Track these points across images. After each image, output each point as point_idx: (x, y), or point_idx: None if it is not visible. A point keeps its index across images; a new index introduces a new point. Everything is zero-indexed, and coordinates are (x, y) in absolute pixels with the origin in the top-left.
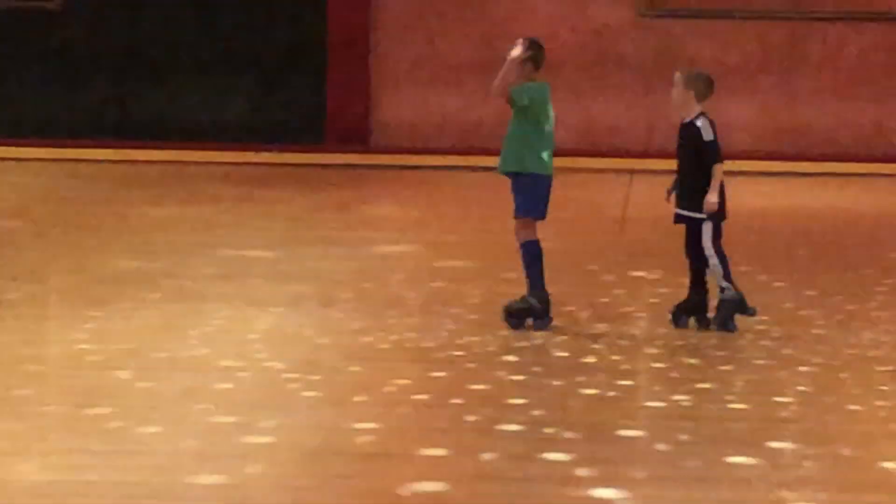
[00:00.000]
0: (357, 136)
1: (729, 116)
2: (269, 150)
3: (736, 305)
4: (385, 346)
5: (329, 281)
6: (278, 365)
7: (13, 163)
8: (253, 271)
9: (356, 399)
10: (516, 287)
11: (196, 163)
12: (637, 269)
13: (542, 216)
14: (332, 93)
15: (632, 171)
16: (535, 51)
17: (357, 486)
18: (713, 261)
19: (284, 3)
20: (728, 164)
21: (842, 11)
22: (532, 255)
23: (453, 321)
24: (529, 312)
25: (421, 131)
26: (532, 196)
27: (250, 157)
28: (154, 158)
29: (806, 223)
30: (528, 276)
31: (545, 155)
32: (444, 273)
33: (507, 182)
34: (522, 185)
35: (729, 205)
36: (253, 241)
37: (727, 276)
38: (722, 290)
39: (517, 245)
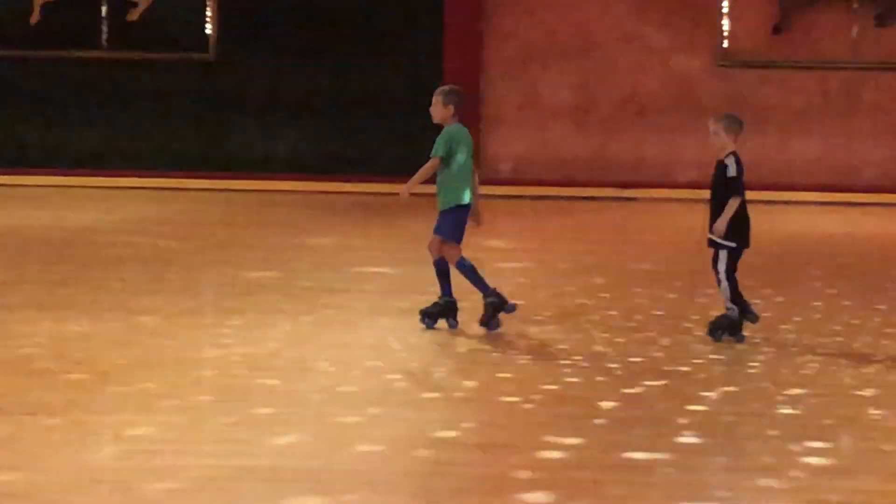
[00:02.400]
0: None
1: (793, 153)
2: (392, 181)
3: (731, 324)
4: (496, 352)
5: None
6: (413, 365)
7: (177, 192)
8: (374, 285)
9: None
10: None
11: (327, 192)
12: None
13: (459, 241)
14: None
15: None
16: (457, 97)
17: (475, 473)
18: (724, 284)
19: (405, 53)
20: (790, 195)
21: (890, 62)
22: (468, 268)
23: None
24: (497, 309)
25: (524, 165)
26: (455, 224)
27: (375, 187)
28: (292, 188)
29: (862, 246)
30: (476, 285)
31: (461, 188)
32: (547, 286)
33: (601, 208)
34: (448, 216)
35: (773, 230)
36: (376, 259)
37: (734, 298)
38: (728, 308)
39: (433, 261)
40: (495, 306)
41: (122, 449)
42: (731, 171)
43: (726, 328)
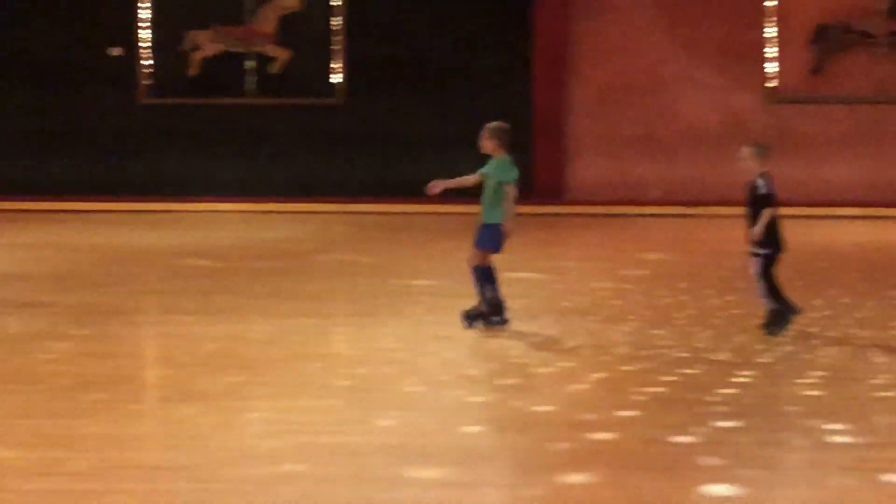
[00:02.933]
0: (555, 192)
1: (830, 175)
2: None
3: (777, 318)
4: (571, 345)
5: (536, 297)
6: (525, 361)
7: (311, 215)
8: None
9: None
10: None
11: (434, 213)
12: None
13: (497, 251)
14: (538, 159)
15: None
16: (500, 132)
17: (561, 448)
18: (759, 284)
19: (498, 91)
20: (827, 211)
21: None
22: (481, 273)
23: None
24: (483, 316)
25: (603, 188)
26: (491, 237)
27: (476, 208)
28: (413, 210)
29: (891, 251)
30: (478, 288)
31: (505, 208)
32: (632, 290)
33: (667, 224)
34: (485, 230)
35: (803, 240)
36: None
37: (770, 294)
38: (769, 305)
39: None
40: (482, 314)
41: (267, 430)
42: (762, 189)
43: (778, 321)
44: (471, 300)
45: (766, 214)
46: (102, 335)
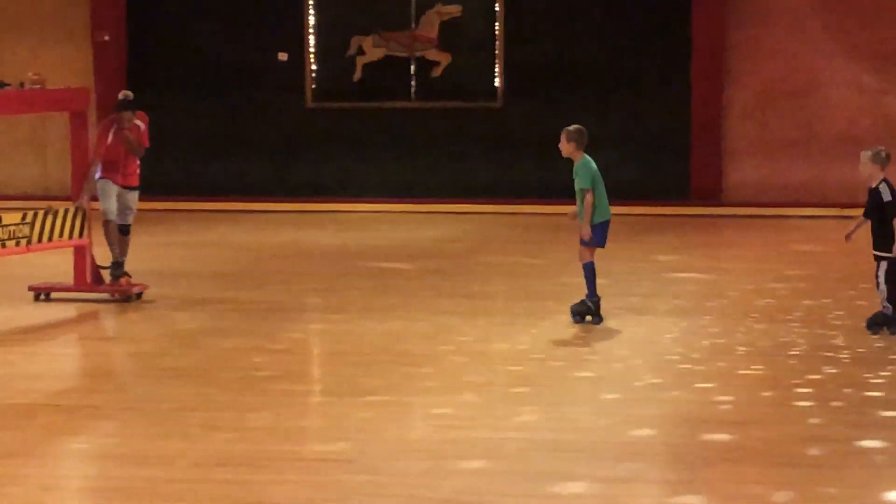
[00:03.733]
0: (712, 194)
1: None
2: (646, 205)
3: (886, 319)
4: (726, 342)
5: (697, 297)
6: (675, 357)
7: (471, 216)
8: (636, 290)
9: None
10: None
11: None
12: None
13: (602, 246)
14: (695, 161)
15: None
16: (577, 134)
17: (723, 447)
18: (881, 287)
19: (656, 95)
20: None
21: None
22: (589, 269)
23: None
24: (589, 313)
25: (759, 190)
26: (598, 235)
27: (635, 209)
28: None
29: None
30: (589, 286)
31: (603, 205)
32: (776, 290)
33: (821, 226)
34: (600, 229)
35: None
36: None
37: (891, 299)
38: (884, 307)
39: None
40: (589, 309)
41: (430, 425)
42: (886, 196)
43: (882, 323)
44: (637, 300)
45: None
46: (269, 331)
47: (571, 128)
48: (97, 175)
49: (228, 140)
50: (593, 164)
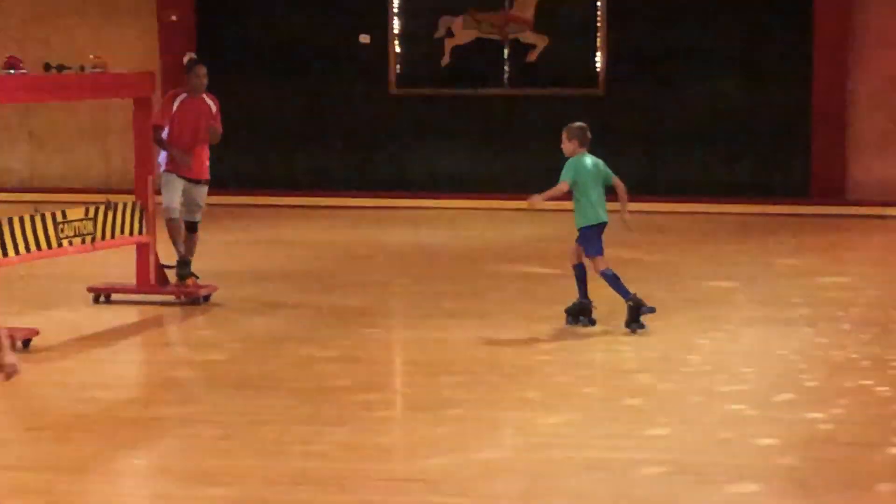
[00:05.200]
0: (835, 192)
1: None
2: (762, 203)
3: None
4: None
5: (822, 304)
6: (794, 367)
7: (565, 213)
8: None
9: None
10: None
11: (704, 213)
12: None
13: (601, 253)
14: (816, 157)
15: None
16: (579, 132)
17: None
18: None
19: (774, 84)
20: None
21: None
22: (610, 277)
23: None
24: (635, 311)
25: (886, 188)
26: (592, 240)
27: (751, 208)
28: (681, 210)
29: None
30: (619, 291)
31: (591, 208)
32: None
33: None
34: (585, 234)
35: None
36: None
37: None
38: None
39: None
40: (634, 309)
41: (526, 442)
42: None
43: None
44: (757, 307)
45: None
46: (349, 339)
47: (574, 125)
48: (161, 168)
49: (305, 129)
50: (588, 163)
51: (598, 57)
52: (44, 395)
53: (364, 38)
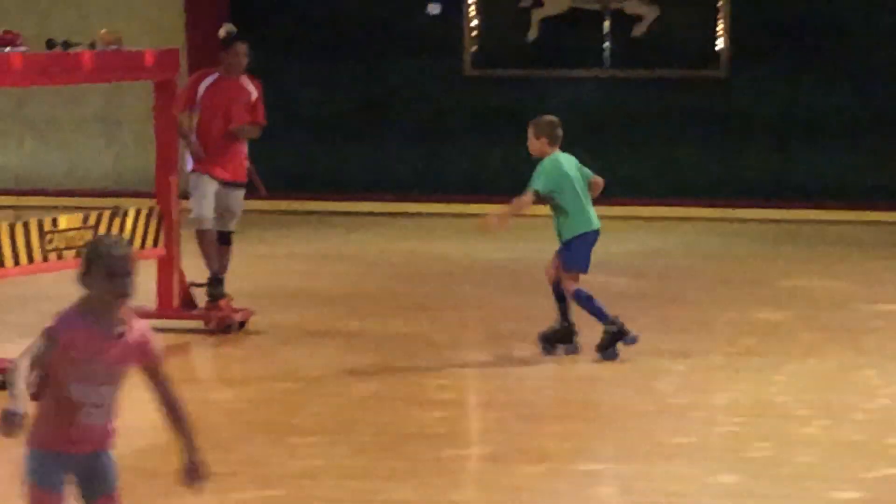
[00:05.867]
0: None
1: None
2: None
3: None
4: None
5: None
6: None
7: (680, 222)
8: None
9: None
10: None
11: (847, 222)
12: None
13: (584, 270)
14: None
15: None
16: (549, 127)
17: None
18: None
19: None
20: None
21: None
22: (584, 298)
23: None
24: (615, 338)
25: None
26: (577, 255)
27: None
28: (816, 218)
29: None
30: (595, 315)
31: (582, 215)
32: None
33: None
34: (569, 248)
35: None
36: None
37: None
38: None
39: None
40: (614, 335)
41: (624, 500)
42: None
43: None
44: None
45: None
46: (414, 375)
47: (542, 119)
48: (188, 167)
49: (361, 119)
50: (564, 166)
51: (720, 31)
52: None
53: (433, 9)
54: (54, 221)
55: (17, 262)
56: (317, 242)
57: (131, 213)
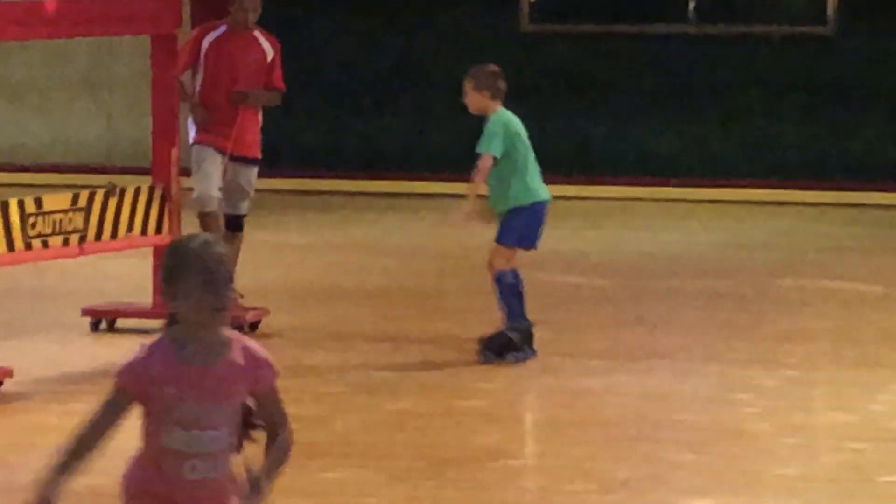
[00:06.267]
0: None
1: None
2: None
3: None
4: None
5: None
6: None
7: (769, 207)
8: None
9: None
10: None
11: None
12: None
13: (532, 246)
14: None
15: None
16: (492, 81)
17: None
18: None
19: None
20: None
21: None
22: (511, 286)
23: None
24: (510, 346)
25: None
26: (520, 227)
27: None
28: None
29: None
30: (508, 307)
31: (533, 181)
32: None
33: None
34: (512, 220)
35: None
36: None
37: None
38: None
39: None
40: (510, 344)
41: None
42: None
43: None
44: None
45: None
46: (458, 386)
47: (482, 69)
48: (190, 137)
49: (400, 84)
50: (515, 123)
51: None
52: (13, 465)
53: None
54: (38, 202)
55: None
56: (344, 229)
57: (129, 193)
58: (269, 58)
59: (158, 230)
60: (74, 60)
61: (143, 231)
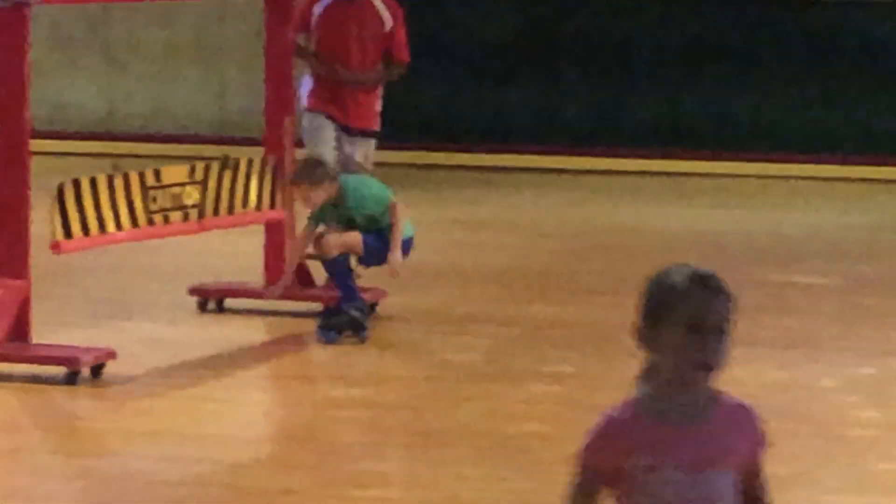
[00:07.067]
0: None
1: None
2: None
3: None
4: None
5: None
6: None
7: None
8: None
9: None
10: None
11: None
12: None
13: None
14: None
15: None
16: (321, 172)
17: None
18: None
19: None
20: None
21: None
22: (345, 270)
23: None
24: (352, 324)
25: None
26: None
27: None
28: None
29: None
30: (343, 288)
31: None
32: None
33: None
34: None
35: None
36: None
37: None
38: None
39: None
40: (354, 322)
41: None
42: None
43: None
44: None
45: None
46: (595, 375)
47: (302, 167)
48: (302, 100)
49: (526, 51)
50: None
51: None
52: (118, 453)
53: None
54: (157, 174)
55: (118, 227)
56: (468, 206)
57: (243, 165)
58: (388, 27)
59: (273, 205)
60: (182, 25)
61: (258, 206)
